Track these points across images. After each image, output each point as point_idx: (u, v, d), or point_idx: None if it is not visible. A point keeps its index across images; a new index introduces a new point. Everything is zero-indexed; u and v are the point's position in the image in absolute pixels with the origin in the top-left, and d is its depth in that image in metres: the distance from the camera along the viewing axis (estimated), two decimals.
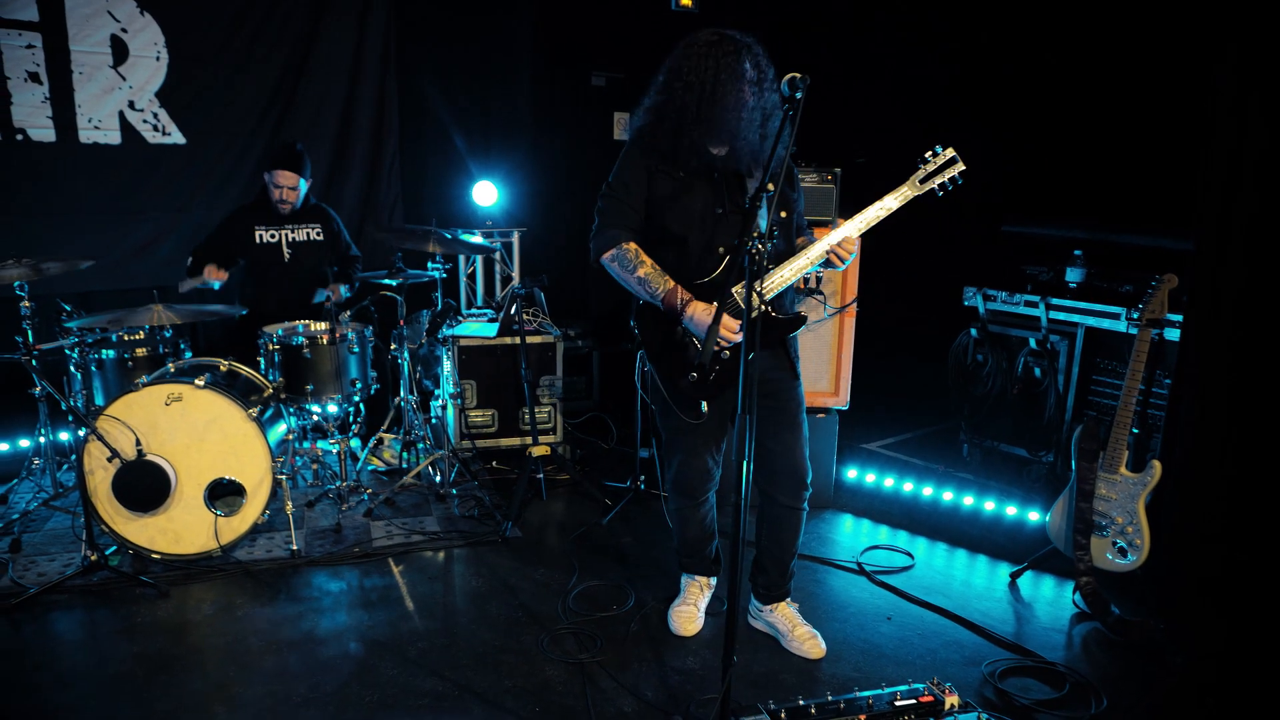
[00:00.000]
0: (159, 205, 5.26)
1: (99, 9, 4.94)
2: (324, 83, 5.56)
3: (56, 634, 3.36)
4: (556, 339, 4.89)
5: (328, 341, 4.09)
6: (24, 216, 4.87)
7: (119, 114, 5.08)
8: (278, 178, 4.63)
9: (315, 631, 3.35)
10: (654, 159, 2.92)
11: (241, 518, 3.76)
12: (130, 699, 2.95)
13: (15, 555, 3.85)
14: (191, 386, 3.62)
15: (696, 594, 3.43)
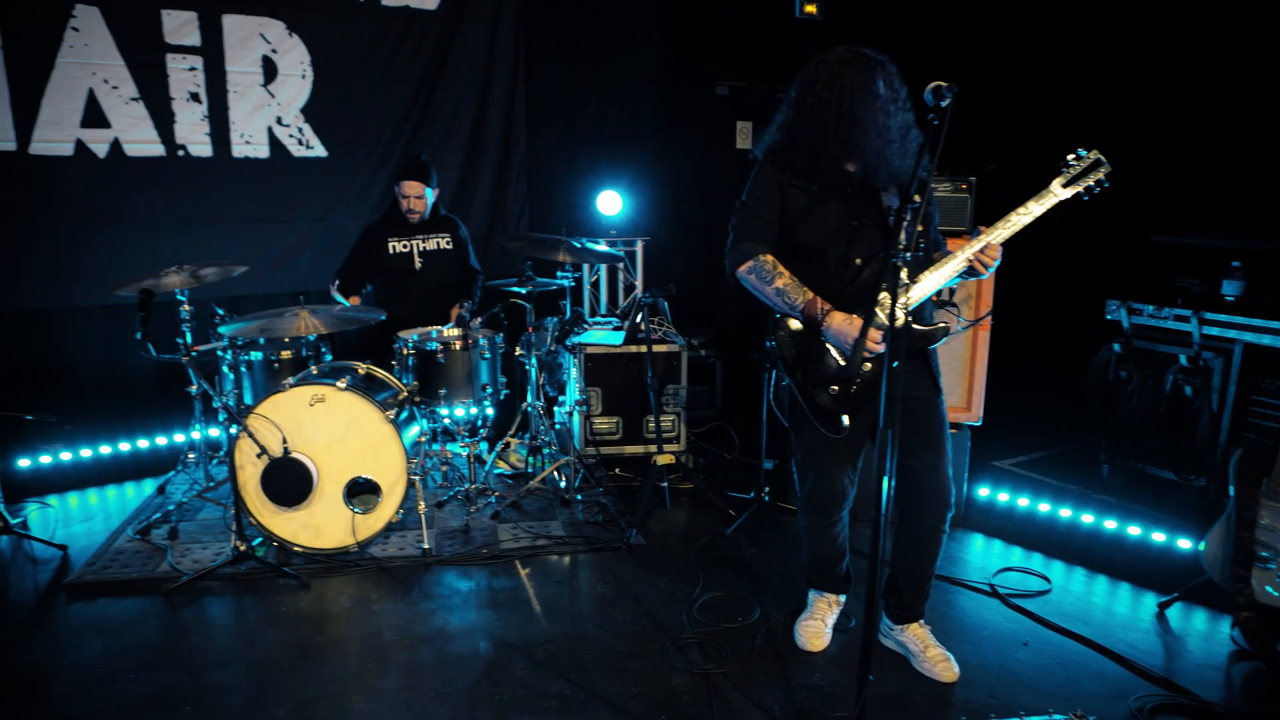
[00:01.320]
0: (301, 215, 5.52)
1: (253, 32, 5.23)
2: (456, 95, 5.74)
3: (210, 618, 3.55)
4: (682, 348, 4.90)
5: (461, 347, 4.21)
6: (183, 226, 5.19)
7: (268, 129, 5.36)
8: (404, 188, 4.80)
9: (447, 628, 3.44)
10: (787, 174, 2.92)
11: (377, 515, 3.90)
12: (277, 683, 3.10)
13: (173, 542, 4.10)
14: (334, 388, 3.78)
15: (824, 610, 3.38)
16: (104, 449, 5.13)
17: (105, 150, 5.01)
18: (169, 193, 5.17)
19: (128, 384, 5.31)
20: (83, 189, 4.98)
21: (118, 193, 5.06)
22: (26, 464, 4.93)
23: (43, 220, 4.93)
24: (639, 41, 6.14)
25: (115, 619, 3.53)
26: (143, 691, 3.05)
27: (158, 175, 5.13)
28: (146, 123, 5.07)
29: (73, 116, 4.92)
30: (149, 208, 5.13)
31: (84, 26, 4.86)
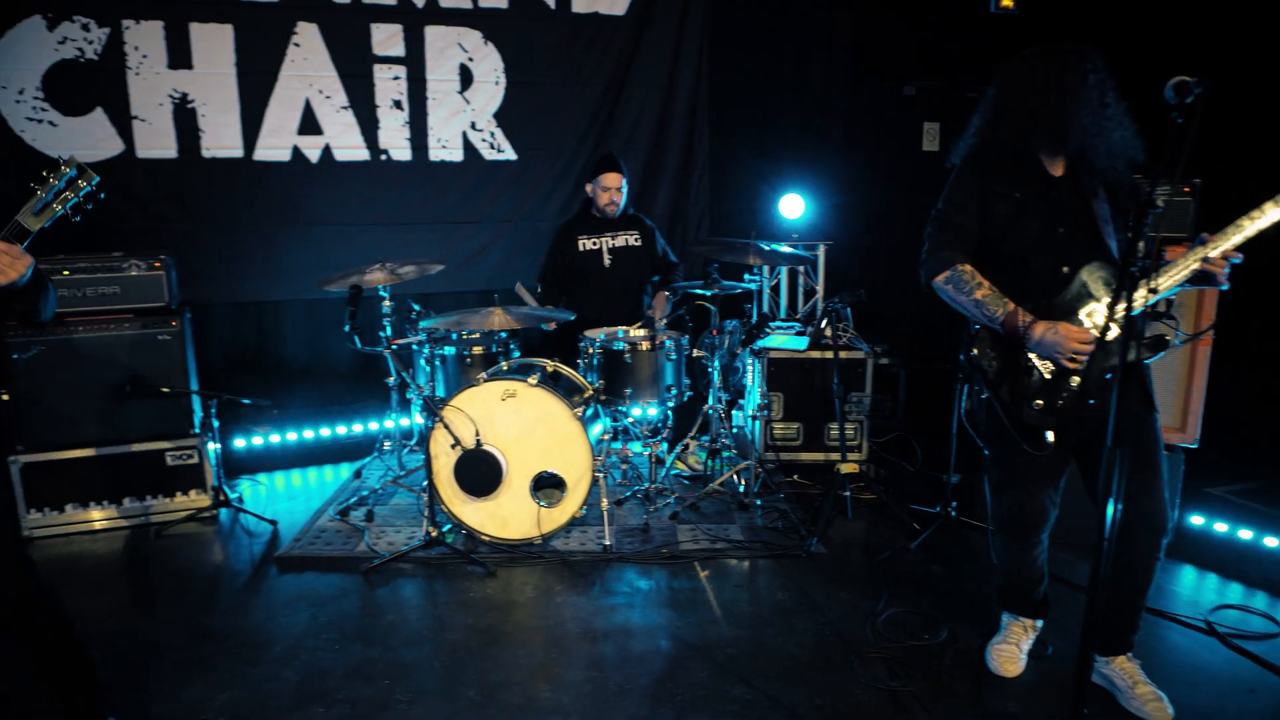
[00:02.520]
0: (490, 216, 5.73)
1: (451, 42, 5.47)
2: (641, 98, 5.82)
3: (403, 598, 3.73)
4: (867, 355, 4.78)
5: (647, 348, 4.26)
6: (383, 226, 5.50)
7: (462, 134, 5.60)
8: (604, 180, 4.90)
9: (628, 625, 3.48)
10: (988, 179, 2.80)
11: (562, 510, 3.99)
12: (467, 665, 3.21)
13: (369, 524, 4.33)
14: (525, 384, 3.89)
15: (1019, 634, 3.20)
16: (307, 433, 5.48)
17: (318, 155, 5.36)
18: (371, 195, 5.48)
19: (328, 374, 5.68)
20: (296, 191, 5.36)
21: (326, 195, 5.41)
22: (241, 444, 5.34)
23: (262, 220, 5.33)
24: (826, 42, 6.04)
25: (319, 592, 3.76)
26: (345, 663, 3.23)
27: (362, 178, 5.46)
28: (354, 129, 5.40)
29: (291, 125, 5.29)
30: (353, 209, 5.46)
31: (304, 42, 5.22)
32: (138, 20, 4.97)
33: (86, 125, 5.00)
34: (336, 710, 2.96)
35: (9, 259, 2.15)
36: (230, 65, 5.14)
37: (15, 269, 2.16)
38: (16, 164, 4.85)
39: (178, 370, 4.45)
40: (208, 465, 4.51)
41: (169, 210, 5.18)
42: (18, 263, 2.16)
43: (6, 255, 2.15)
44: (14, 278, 2.16)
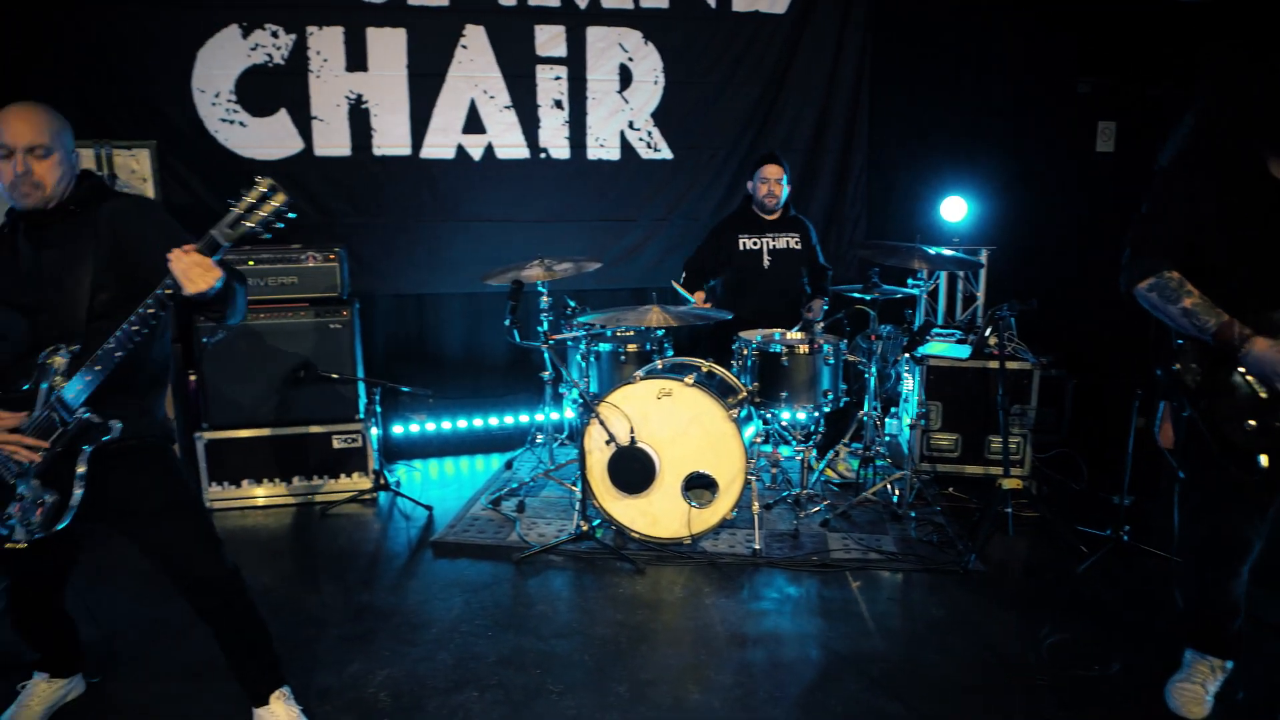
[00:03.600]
0: (645, 214, 5.76)
1: (612, 42, 5.53)
2: (799, 98, 5.73)
3: (553, 589, 3.78)
4: (1033, 366, 4.55)
5: (805, 352, 4.18)
6: (542, 223, 5.61)
7: (620, 133, 5.65)
8: (765, 171, 4.85)
9: (778, 632, 3.42)
10: (1199, 183, 2.60)
11: (713, 511, 3.96)
12: (616, 661, 3.22)
13: (520, 515, 4.43)
14: (681, 383, 3.89)
15: (1205, 674, 2.96)
16: (460, 423, 5.66)
17: (480, 154, 5.52)
18: (530, 192, 5.60)
19: (482, 366, 5.85)
20: (459, 188, 5.53)
21: (488, 192, 5.56)
22: (399, 430, 5.55)
23: (426, 215, 5.53)
24: (991, 36, 5.79)
25: (473, 579, 3.86)
26: (498, 649, 3.30)
27: (521, 176, 5.58)
28: (516, 128, 5.53)
29: (456, 124, 5.47)
30: (512, 205, 5.59)
31: (471, 44, 5.38)
32: (320, 26, 5.23)
33: (271, 126, 5.30)
34: (490, 695, 3.02)
35: (200, 270, 2.26)
36: (402, 67, 5.35)
37: (206, 280, 2.26)
38: (209, 162, 5.21)
39: (346, 358, 4.67)
40: (370, 450, 4.71)
41: (341, 205, 5.44)
42: (209, 274, 2.26)
43: (198, 267, 2.25)
44: (204, 289, 2.26)
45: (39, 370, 2.40)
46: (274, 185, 2.29)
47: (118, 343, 2.34)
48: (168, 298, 2.31)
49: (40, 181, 2.37)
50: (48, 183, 2.38)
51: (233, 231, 2.29)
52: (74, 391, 2.37)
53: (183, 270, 2.24)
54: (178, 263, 2.24)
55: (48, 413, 2.39)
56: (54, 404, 2.38)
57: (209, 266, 2.27)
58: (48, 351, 2.40)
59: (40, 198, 2.39)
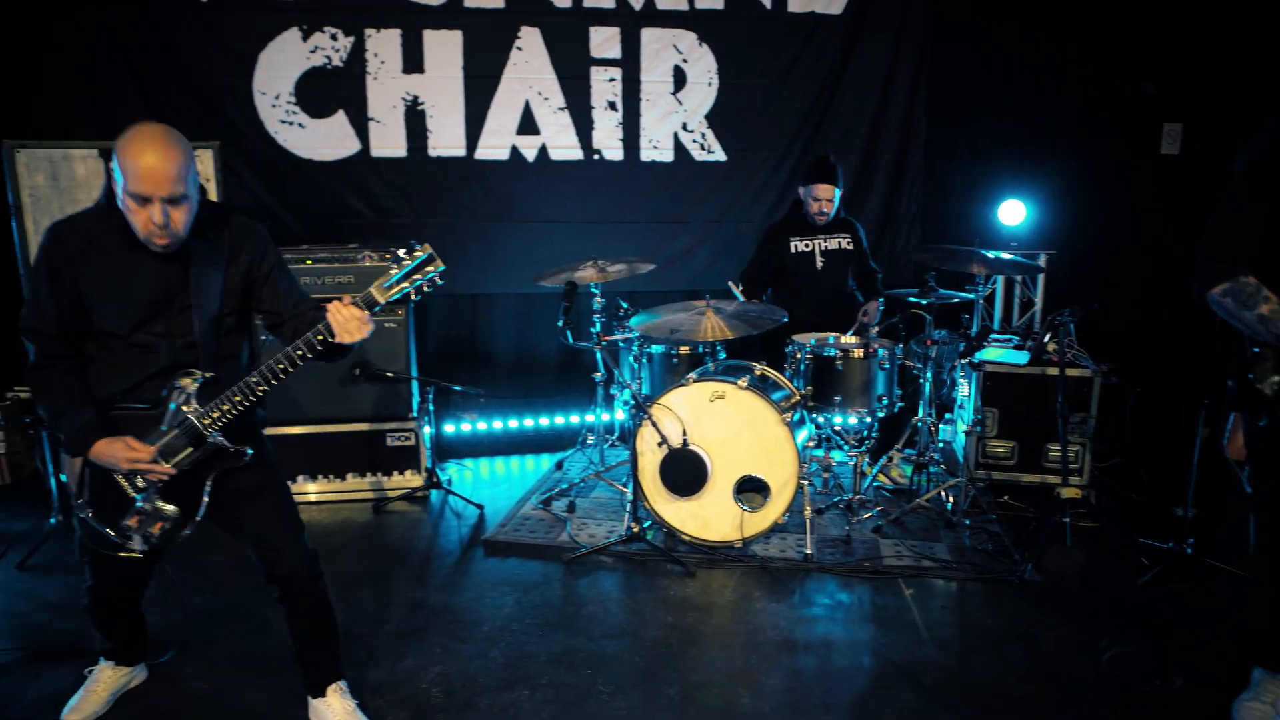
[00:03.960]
0: (697, 216, 5.75)
1: (666, 44, 5.53)
2: (855, 100, 5.68)
3: (604, 590, 3.79)
4: (1094, 373, 4.45)
5: (860, 356, 4.14)
6: (595, 224, 5.63)
7: (674, 135, 5.65)
8: (816, 191, 4.80)
9: (829, 638, 3.39)
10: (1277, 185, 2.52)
11: (764, 515, 3.94)
12: (667, 663, 3.22)
13: (571, 515, 4.45)
14: (735, 386, 3.87)
15: (1275, 694, 2.87)
16: (511, 423, 5.70)
17: (534, 155, 5.55)
18: (583, 193, 5.63)
19: (533, 366, 5.89)
20: (513, 189, 5.58)
21: (541, 193, 5.59)
22: (450, 429, 5.61)
23: (480, 216, 5.59)
24: (1055, 38, 5.68)
25: (524, 578, 3.88)
26: (549, 649, 3.31)
27: (574, 177, 5.61)
28: (570, 130, 5.55)
29: (510, 125, 5.51)
30: (565, 207, 5.62)
31: (526, 46, 5.42)
32: (379, 29, 5.31)
33: (329, 127, 5.39)
34: (541, 694, 3.04)
35: (357, 324, 2.38)
36: (458, 69, 5.40)
37: (361, 333, 2.40)
38: (268, 162, 5.32)
39: (401, 356, 4.73)
40: (423, 448, 4.76)
41: (397, 205, 5.51)
42: (364, 328, 2.40)
43: (356, 320, 2.38)
44: (358, 340, 2.40)
45: (171, 390, 2.49)
46: (431, 254, 2.42)
47: (262, 378, 2.44)
48: (319, 342, 2.41)
49: (176, 229, 2.38)
50: (182, 227, 2.39)
51: (387, 291, 2.41)
52: (207, 418, 2.48)
53: (341, 323, 2.37)
54: (337, 314, 2.37)
55: (177, 434, 2.48)
56: (185, 428, 2.47)
57: (365, 321, 2.40)
58: (181, 374, 2.49)
59: (174, 241, 2.41)
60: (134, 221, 2.37)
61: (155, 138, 2.31)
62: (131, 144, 2.30)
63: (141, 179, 2.29)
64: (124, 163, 2.30)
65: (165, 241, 2.39)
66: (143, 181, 2.29)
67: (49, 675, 3.18)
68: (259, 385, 2.46)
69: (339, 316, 2.38)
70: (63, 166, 4.26)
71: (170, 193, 2.31)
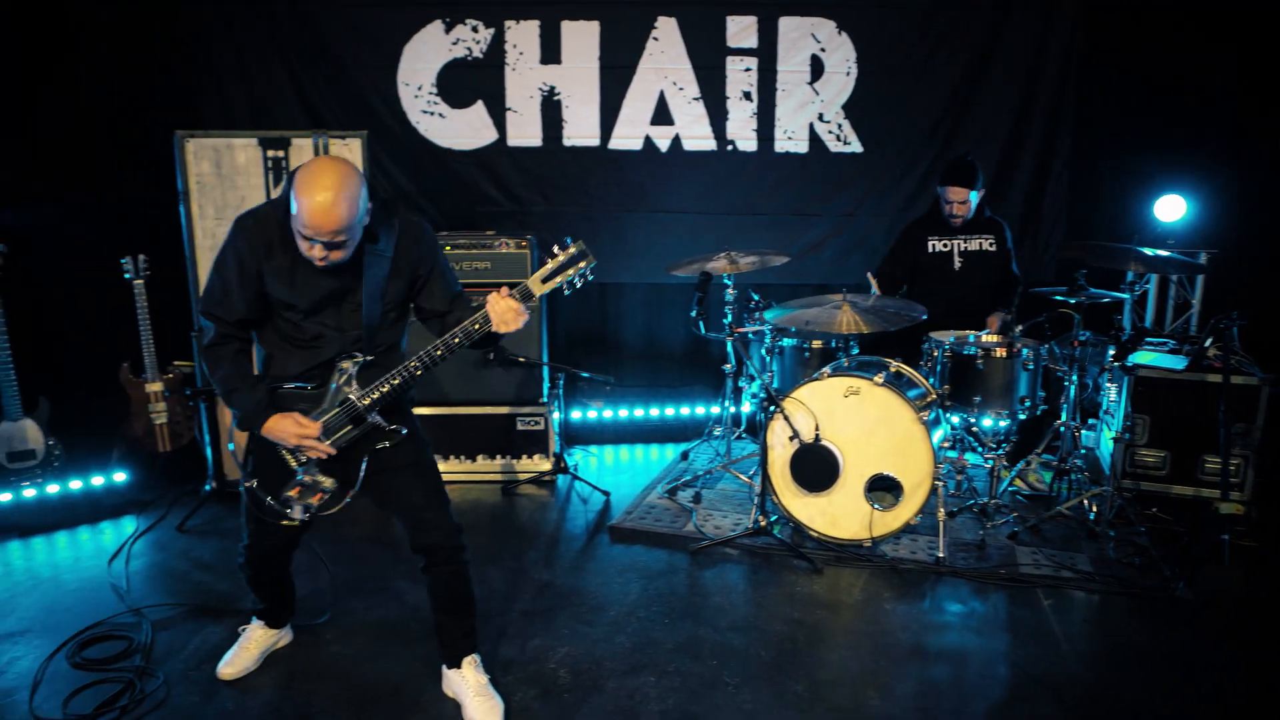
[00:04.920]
0: (831, 209, 5.65)
1: (804, 33, 5.44)
2: (998, 89, 5.45)
3: (729, 582, 3.78)
4: (1261, 382, 4.16)
5: (1003, 356, 3.99)
6: (726, 215, 5.60)
7: (809, 126, 5.56)
8: (950, 193, 4.64)
9: (963, 645, 3.29)
10: None
11: (895, 515, 3.85)
12: (793, 659, 3.19)
13: (697, 506, 4.45)
14: (870, 382, 3.79)
15: None
16: (637, 412, 5.73)
17: (667, 145, 5.56)
18: (715, 184, 5.60)
19: (659, 356, 5.92)
20: (645, 179, 5.60)
21: (673, 183, 5.60)
22: (577, 416, 5.69)
23: (612, 206, 5.63)
24: (1217, 21, 5.30)
25: (649, 566, 3.91)
26: (674, 637, 3.33)
27: (707, 168, 5.59)
28: (704, 120, 5.54)
29: (645, 116, 5.53)
30: (697, 197, 5.61)
31: (662, 36, 5.43)
32: (518, 20, 5.41)
33: (467, 117, 5.53)
34: (667, 682, 3.06)
35: (514, 315, 2.49)
36: (594, 60, 5.46)
37: (518, 324, 2.51)
38: (409, 151, 5.50)
39: (533, 343, 4.82)
40: (552, 433, 4.84)
41: (531, 194, 5.62)
42: (520, 319, 2.51)
43: (513, 312, 2.49)
44: (514, 330, 2.52)
45: (334, 372, 2.63)
46: (584, 250, 2.52)
47: (420, 363, 2.57)
48: (475, 332, 2.52)
49: (336, 261, 2.50)
50: (342, 260, 2.51)
51: (544, 285, 2.51)
52: (366, 397, 2.61)
53: (500, 314, 2.48)
54: (496, 305, 2.48)
55: (338, 413, 2.61)
56: (345, 407, 2.61)
57: (521, 312, 2.51)
58: (343, 357, 2.63)
59: (331, 266, 2.52)
60: (299, 245, 2.49)
61: (328, 185, 2.38)
62: (308, 183, 2.39)
63: (307, 222, 2.39)
64: (296, 197, 2.40)
65: (323, 265, 2.51)
66: (308, 226, 2.40)
67: (206, 630, 3.40)
68: (417, 370, 2.57)
69: (498, 308, 2.47)
70: (225, 155, 4.49)
71: (331, 240, 2.43)
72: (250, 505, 2.77)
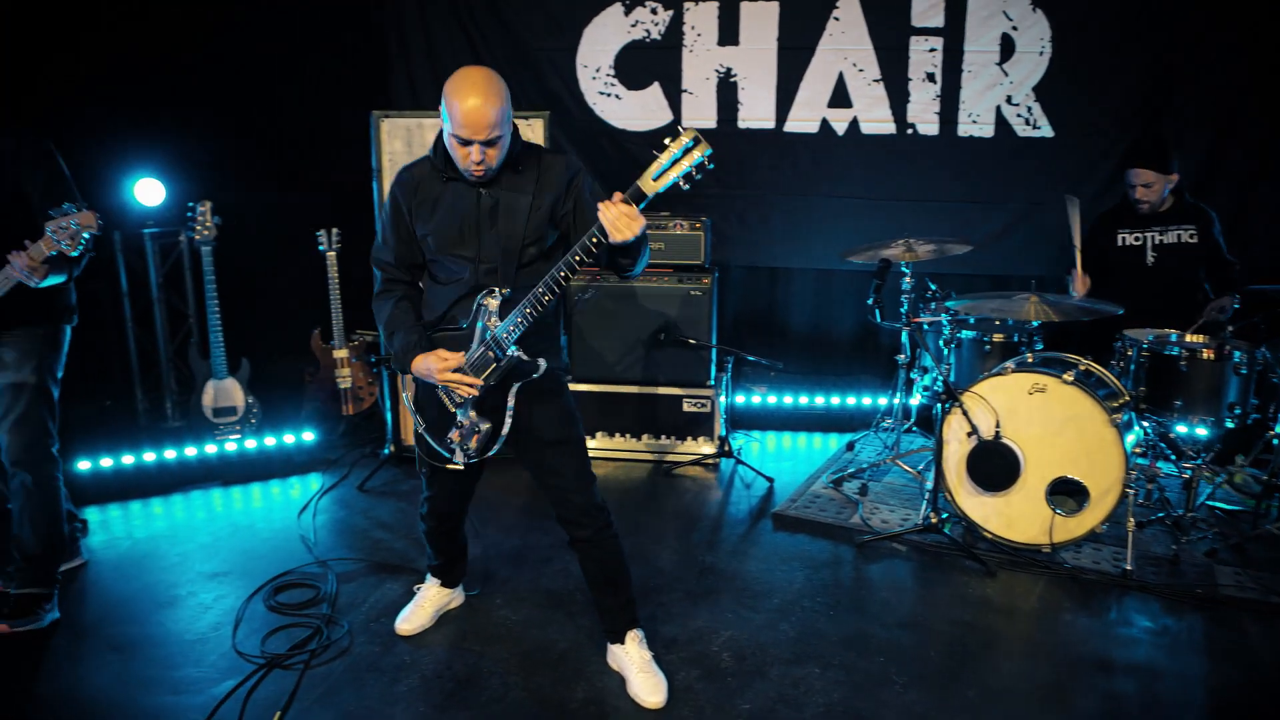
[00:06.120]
0: (1015, 197, 5.36)
1: (995, 10, 5.17)
2: (1211, 62, 4.97)
3: (896, 579, 3.67)
4: None
5: (1211, 357, 3.68)
6: (903, 201, 5.41)
7: (996, 108, 5.28)
8: (1133, 175, 4.32)
9: (1153, 665, 3.07)
10: None
11: (1079, 521, 3.64)
12: (964, 663, 3.08)
13: (863, 498, 4.35)
14: (1058, 380, 3.59)
15: None
16: (802, 399, 5.65)
17: (844, 128, 5.42)
18: (893, 169, 5.41)
19: (826, 344, 5.81)
20: (821, 163, 5.48)
21: (849, 167, 5.45)
22: (740, 400, 5.66)
23: (785, 189, 5.54)
24: None
25: (813, 555, 3.85)
26: (840, 630, 3.27)
27: (885, 152, 5.41)
28: (883, 103, 5.36)
29: (822, 98, 5.40)
30: (873, 182, 5.44)
31: (844, 16, 5.28)
32: (697, 2, 5.39)
33: (643, 99, 5.56)
34: (832, 674, 3.00)
35: (626, 219, 2.40)
36: (772, 41, 5.37)
37: (632, 229, 2.40)
38: (585, 132, 5.59)
39: (704, 325, 4.81)
40: (718, 416, 4.83)
41: (704, 176, 5.57)
42: (634, 223, 2.40)
43: (625, 217, 2.39)
44: (629, 237, 2.40)
45: (476, 310, 2.69)
46: (697, 137, 2.37)
47: (546, 287, 2.55)
48: (594, 245, 2.46)
49: (490, 165, 2.60)
50: (495, 162, 2.61)
51: (655, 183, 2.40)
52: (505, 331, 2.62)
53: (611, 220, 2.40)
54: (607, 211, 2.41)
55: (483, 350, 2.67)
56: (489, 342, 2.65)
57: (635, 216, 2.41)
58: (484, 294, 2.68)
59: (487, 174, 2.63)
60: (455, 156, 2.61)
61: (477, 84, 2.51)
62: (458, 88, 2.51)
63: (464, 124, 2.50)
64: (449, 104, 2.52)
65: (480, 173, 2.60)
66: (465, 127, 2.50)
67: (384, 586, 3.59)
68: (545, 296, 2.55)
69: (609, 214, 2.39)
70: (415, 134, 4.69)
71: (488, 136, 2.52)
72: (421, 452, 2.90)
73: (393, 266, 2.82)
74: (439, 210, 2.71)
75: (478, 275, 2.71)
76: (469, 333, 2.71)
